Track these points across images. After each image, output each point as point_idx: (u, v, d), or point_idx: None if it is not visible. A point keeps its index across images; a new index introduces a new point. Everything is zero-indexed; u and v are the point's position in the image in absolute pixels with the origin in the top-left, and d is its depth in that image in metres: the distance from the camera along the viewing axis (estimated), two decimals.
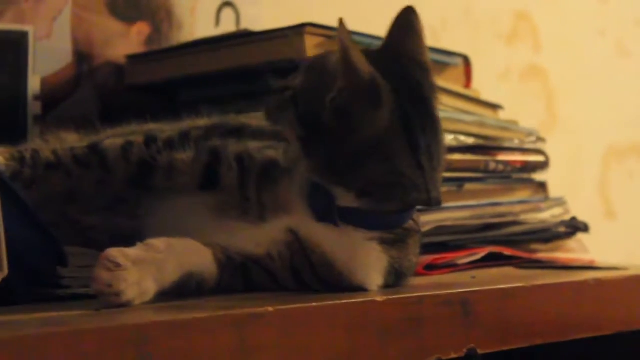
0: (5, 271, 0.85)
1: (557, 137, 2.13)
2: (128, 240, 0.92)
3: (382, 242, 1.01)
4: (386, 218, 1.01)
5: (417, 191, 0.99)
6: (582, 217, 1.51)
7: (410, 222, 1.03)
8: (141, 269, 0.88)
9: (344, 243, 1.00)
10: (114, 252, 0.88)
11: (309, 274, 1.00)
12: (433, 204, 1.01)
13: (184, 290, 0.93)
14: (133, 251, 0.89)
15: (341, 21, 0.96)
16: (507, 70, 2.19)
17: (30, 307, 0.89)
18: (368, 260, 1.00)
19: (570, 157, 2.22)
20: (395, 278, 1.03)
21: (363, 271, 1.00)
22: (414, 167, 0.98)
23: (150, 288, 0.89)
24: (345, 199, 0.99)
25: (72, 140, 1.16)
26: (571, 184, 2.15)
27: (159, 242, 0.92)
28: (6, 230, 0.86)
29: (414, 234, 1.04)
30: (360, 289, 1.00)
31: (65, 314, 0.84)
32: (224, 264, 0.98)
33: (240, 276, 0.99)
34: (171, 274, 0.92)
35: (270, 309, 0.83)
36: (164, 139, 1.05)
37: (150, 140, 1.05)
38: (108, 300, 0.86)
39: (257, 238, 1.01)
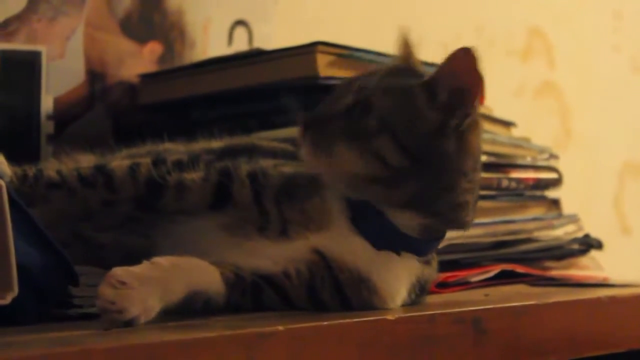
0: (16, 290, 0.86)
1: (572, 153, 2.13)
2: (140, 259, 0.91)
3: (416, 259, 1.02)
4: (426, 243, 1.02)
5: (470, 215, 1.03)
6: (597, 233, 1.51)
7: None
8: (146, 287, 0.88)
9: (379, 260, 1.00)
10: (120, 271, 0.88)
11: (329, 293, 0.99)
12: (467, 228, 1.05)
13: (189, 308, 0.93)
14: (138, 269, 0.89)
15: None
16: (521, 86, 2.18)
17: (40, 327, 0.88)
18: (401, 275, 1.01)
19: (585, 173, 2.21)
20: (419, 293, 1.04)
21: (395, 287, 1.01)
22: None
23: (155, 306, 0.89)
24: (407, 220, 1.00)
25: (86, 162, 1.16)
26: (586, 200, 2.14)
27: (164, 261, 0.92)
28: (16, 249, 0.86)
29: None
30: (387, 306, 1.00)
31: (75, 333, 0.84)
32: (232, 283, 0.97)
33: (250, 295, 0.99)
34: (176, 293, 0.91)
35: (280, 328, 0.83)
36: (172, 161, 1.05)
37: (158, 161, 1.05)
38: (111, 317, 0.86)
39: (274, 255, 1.00)
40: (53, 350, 0.72)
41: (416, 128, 0.98)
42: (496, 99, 1.53)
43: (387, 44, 1.42)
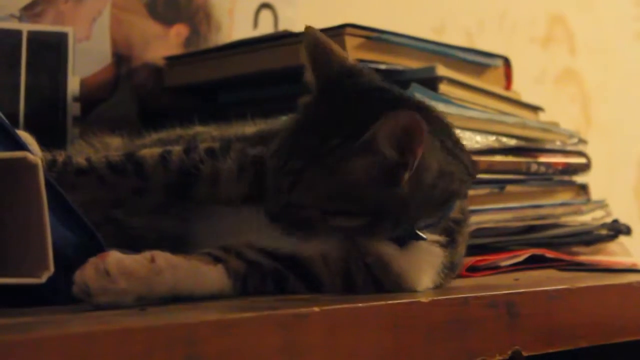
0: (52, 269, 0.85)
1: (592, 141, 2.11)
2: (174, 241, 0.91)
3: (436, 242, 1.01)
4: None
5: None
6: None
7: (458, 215, 1.04)
8: (128, 284, 0.86)
9: (397, 247, 1.00)
10: (112, 259, 0.86)
11: (362, 276, 0.99)
12: None
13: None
14: (131, 263, 0.87)
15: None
16: (542, 73, 2.18)
17: (74, 307, 0.88)
18: (423, 261, 1.01)
19: (605, 160, 2.20)
20: (448, 273, 1.04)
21: (418, 272, 1.00)
22: None
23: (127, 302, 0.87)
24: None
25: (116, 145, 1.16)
26: (606, 187, 2.13)
27: (163, 261, 0.89)
28: (50, 229, 0.86)
29: (461, 227, 1.05)
30: (413, 290, 1.00)
31: (111, 313, 0.83)
32: (243, 274, 0.96)
33: (272, 283, 0.98)
34: (159, 294, 0.89)
35: (316, 309, 0.82)
36: (204, 149, 1.04)
37: (190, 149, 1.04)
38: (77, 293, 0.85)
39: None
40: (95, 328, 0.72)
41: (365, 194, 0.95)
42: (517, 85, 1.53)
43: (411, 28, 1.43)
